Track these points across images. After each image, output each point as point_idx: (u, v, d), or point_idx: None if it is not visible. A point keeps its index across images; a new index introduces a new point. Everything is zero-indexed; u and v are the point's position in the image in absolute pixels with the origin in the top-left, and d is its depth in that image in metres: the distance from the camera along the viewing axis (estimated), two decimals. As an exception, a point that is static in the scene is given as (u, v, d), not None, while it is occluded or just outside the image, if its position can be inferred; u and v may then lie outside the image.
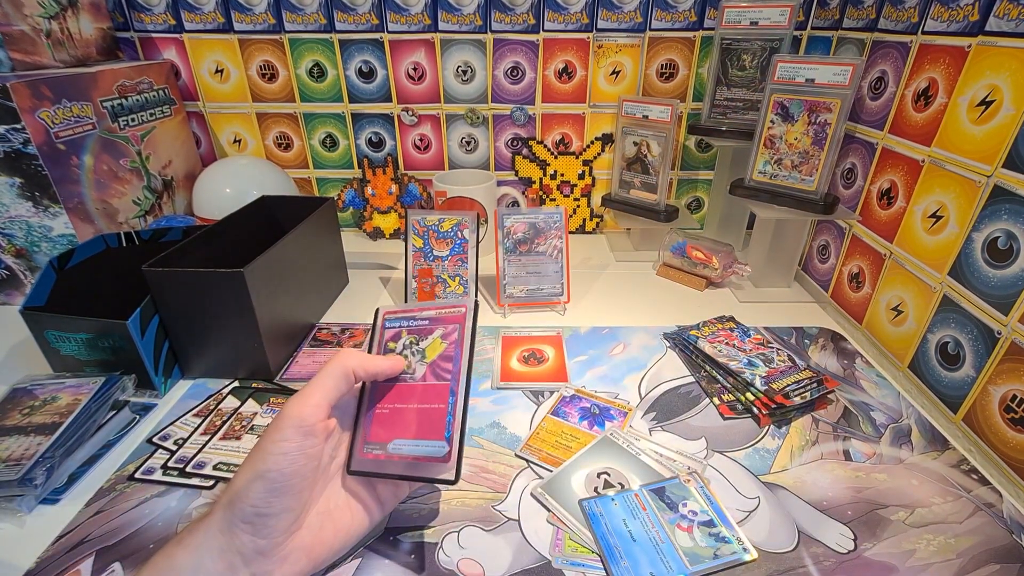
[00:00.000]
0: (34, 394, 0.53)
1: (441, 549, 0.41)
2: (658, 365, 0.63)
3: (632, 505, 0.44)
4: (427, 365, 0.40)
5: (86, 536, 0.42)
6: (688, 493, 0.46)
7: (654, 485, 0.46)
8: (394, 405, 0.39)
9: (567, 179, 0.98)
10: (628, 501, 0.45)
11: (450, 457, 0.37)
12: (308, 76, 0.91)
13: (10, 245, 0.71)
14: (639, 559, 0.40)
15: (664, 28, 0.86)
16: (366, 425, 0.39)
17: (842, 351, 0.66)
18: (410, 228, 0.73)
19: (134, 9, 0.87)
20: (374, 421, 0.39)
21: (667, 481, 0.47)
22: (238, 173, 0.89)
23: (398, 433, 0.38)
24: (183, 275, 0.54)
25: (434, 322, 0.42)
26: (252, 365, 0.60)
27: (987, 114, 0.54)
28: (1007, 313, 0.51)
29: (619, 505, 0.44)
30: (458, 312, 0.41)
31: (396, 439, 0.38)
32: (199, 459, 0.49)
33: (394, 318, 0.43)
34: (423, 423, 0.38)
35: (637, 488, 0.46)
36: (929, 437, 0.53)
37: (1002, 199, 0.52)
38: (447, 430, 0.37)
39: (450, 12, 0.86)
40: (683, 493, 0.46)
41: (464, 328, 0.40)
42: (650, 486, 0.46)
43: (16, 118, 0.63)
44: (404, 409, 0.39)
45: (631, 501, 0.45)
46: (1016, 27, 0.51)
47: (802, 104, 0.69)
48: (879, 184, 0.70)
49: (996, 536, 0.43)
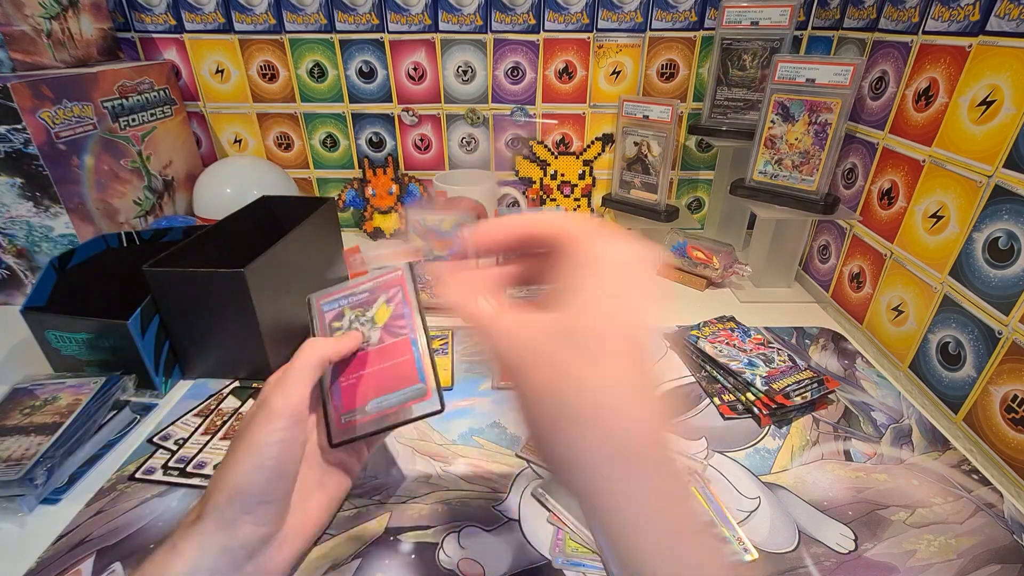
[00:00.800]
0: (35, 394, 0.53)
1: (441, 549, 0.41)
2: (658, 365, 0.63)
3: None
4: (380, 329, 0.41)
5: (87, 536, 0.42)
6: (688, 493, 0.46)
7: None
8: (358, 373, 0.40)
9: (567, 179, 0.98)
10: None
11: (430, 392, 0.39)
12: (308, 76, 0.91)
13: (11, 245, 0.71)
14: (639, 559, 0.40)
15: (664, 28, 0.86)
16: (336, 400, 0.40)
17: (842, 351, 0.66)
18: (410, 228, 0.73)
19: (135, 9, 0.87)
20: (343, 393, 0.40)
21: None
22: (238, 173, 0.89)
23: (372, 394, 0.39)
24: (183, 275, 0.54)
25: (374, 292, 0.42)
26: (252, 365, 0.60)
27: (988, 114, 0.54)
28: (1008, 313, 0.51)
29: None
30: (395, 276, 0.43)
31: (372, 400, 0.39)
32: (200, 459, 0.49)
33: (330, 300, 0.43)
34: (395, 376, 0.40)
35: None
36: (930, 437, 0.53)
37: (1003, 199, 0.52)
38: (419, 373, 0.39)
39: (450, 12, 0.86)
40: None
41: (405, 287, 0.42)
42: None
43: (17, 118, 0.63)
44: (370, 373, 0.40)
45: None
46: (1017, 27, 0.51)
47: (803, 104, 0.69)
48: (880, 184, 0.70)
49: (997, 536, 0.43)
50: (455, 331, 0.70)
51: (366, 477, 0.48)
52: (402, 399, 0.39)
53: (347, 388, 0.40)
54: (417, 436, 0.53)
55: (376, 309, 0.42)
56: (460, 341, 0.68)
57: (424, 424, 0.54)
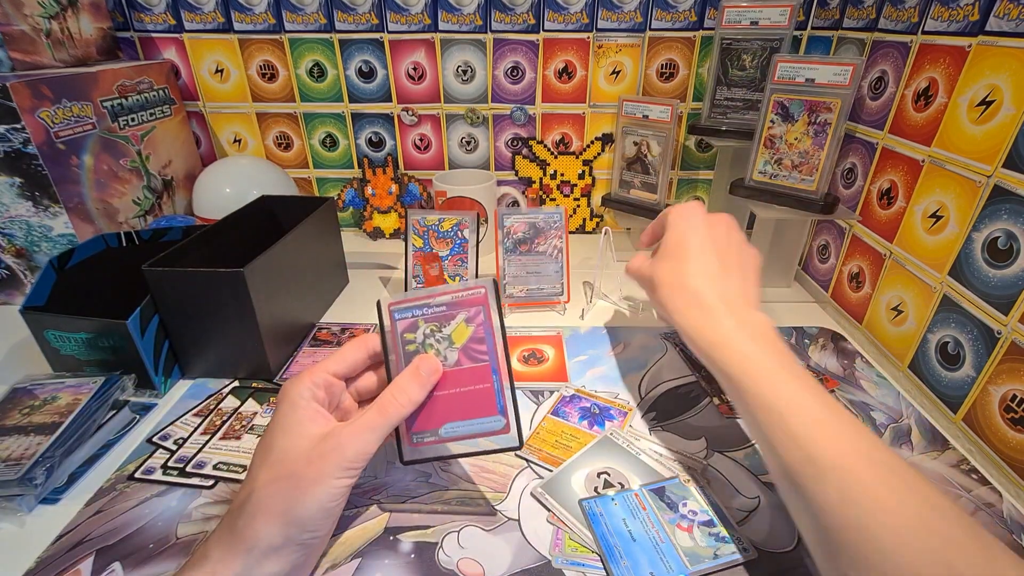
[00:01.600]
0: (34, 394, 0.53)
1: (441, 549, 0.41)
2: (658, 365, 0.63)
3: (632, 505, 0.44)
4: (458, 350, 0.40)
5: (86, 536, 0.42)
6: (688, 493, 0.46)
7: (654, 485, 0.46)
8: (434, 394, 0.39)
9: (567, 179, 0.98)
10: (628, 501, 0.45)
11: (509, 427, 0.39)
12: (308, 76, 0.91)
13: (10, 245, 0.71)
14: (639, 559, 0.40)
15: (664, 28, 0.86)
16: (408, 417, 0.39)
17: (842, 351, 0.66)
18: (410, 228, 0.73)
19: (134, 9, 0.87)
20: (417, 412, 0.39)
21: (667, 481, 0.47)
22: (238, 173, 0.89)
23: (448, 417, 0.39)
24: (183, 275, 0.54)
25: (452, 308, 0.40)
26: (252, 365, 0.60)
27: (987, 114, 0.54)
28: (1007, 313, 0.51)
29: (619, 505, 0.44)
30: (477, 294, 0.40)
31: (447, 423, 0.39)
32: (199, 459, 0.49)
33: (403, 308, 0.41)
34: (472, 403, 0.39)
35: (637, 488, 0.46)
36: (929, 437, 0.53)
37: (1002, 199, 0.52)
38: (499, 405, 0.39)
39: (450, 12, 0.86)
40: (683, 493, 0.46)
41: (488, 308, 0.40)
42: (650, 486, 0.46)
43: (16, 118, 0.63)
44: (446, 395, 0.39)
45: (631, 501, 0.45)
46: (1016, 27, 0.51)
47: (802, 104, 0.69)
48: (879, 184, 0.70)
49: (996, 536, 0.43)
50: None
51: (366, 477, 0.48)
52: (478, 429, 0.38)
53: (420, 407, 0.39)
54: (417, 436, 0.53)
55: (454, 327, 0.40)
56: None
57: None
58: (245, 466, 0.49)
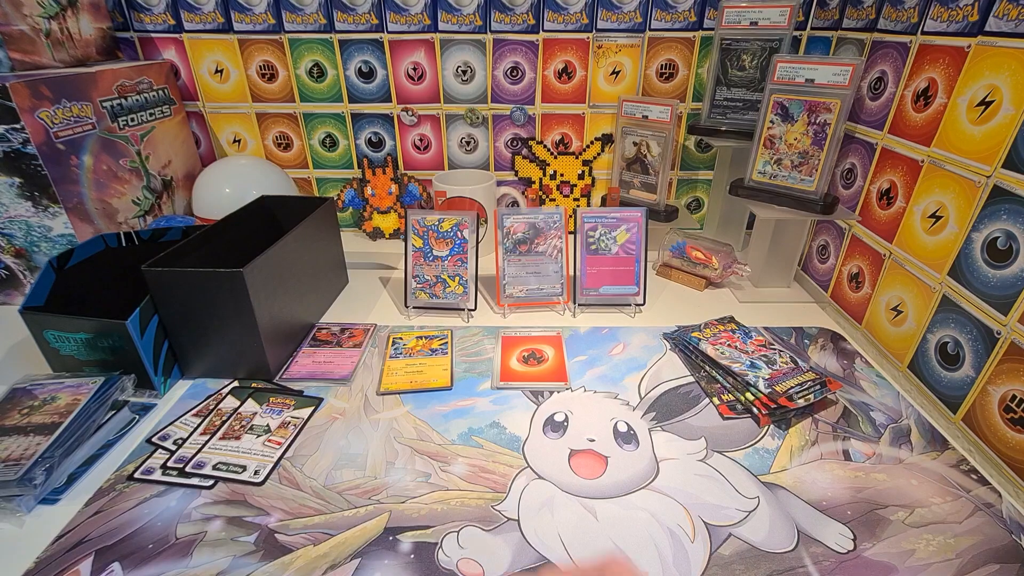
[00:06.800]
0: (33, 394, 0.53)
1: (441, 549, 0.41)
2: (658, 365, 0.63)
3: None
4: (619, 246, 0.72)
5: (85, 536, 0.42)
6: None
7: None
8: (599, 268, 0.73)
9: (567, 179, 0.98)
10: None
11: (640, 293, 0.73)
12: (308, 76, 0.91)
13: (9, 245, 0.71)
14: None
15: (664, 28, 0.86)
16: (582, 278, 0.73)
17: (842, 351, 0.66)
18: (410, 228, 0.73)
19: (134, 9, 0.87)
20: (588, 277, 0.73)
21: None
22: (238, 173, 0.89)
23: (605, 282, 0.73)
24: (183, 275, 0.54)
25: (619, 220, 0.72)
26: (252, 365, 0.60)
27: (986, 114, 0.54)
28: (1007, 313, 0.51)
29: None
30: (637, 214, 0.72)
31: (604, 285, 0.73)
32: (198, 459, 0.49)
33: (591, 215, 0.73)
34: (621, 276, 0.73)
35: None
36: (929, 437, 0.53)
37: (1001, 199, 0.52)
38: (636, 280, 0.73)
39: (450, 12, 0.86)
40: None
41: (641, 224, 0.72)
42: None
43: (16, 118, 0.63)
44: (608, 271, 0.73)
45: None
46: (1015, 27, 0.51)
47: (802, 104, 0.69)
48: (879, 184, 0.70)
49: (995, 536, 0.43)
50: (454, 331, 0.70)
51: (366, 477, 0.48)
52: (622, 292, 0.73)
53: (592, 274, 0.73)
54: (416, 436, 0.53)
55: (619, 232, 0.72)
56: (459, 342, 0.68)
57: (424, 424, 0.54)
58: (244, 466, 0.49)
